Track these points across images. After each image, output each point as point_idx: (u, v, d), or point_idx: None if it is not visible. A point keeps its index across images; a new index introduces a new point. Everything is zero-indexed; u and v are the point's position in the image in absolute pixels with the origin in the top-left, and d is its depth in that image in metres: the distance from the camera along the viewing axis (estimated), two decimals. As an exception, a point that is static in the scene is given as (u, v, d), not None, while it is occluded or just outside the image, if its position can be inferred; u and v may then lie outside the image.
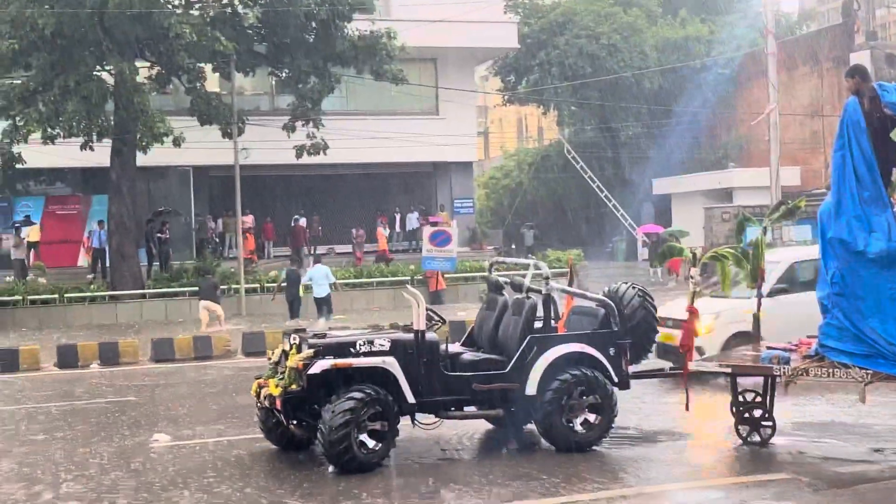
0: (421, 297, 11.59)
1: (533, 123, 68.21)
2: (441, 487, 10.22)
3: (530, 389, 11.47)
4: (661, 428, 12.80)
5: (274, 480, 10.86)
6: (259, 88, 38.93)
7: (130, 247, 30.85)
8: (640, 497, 9.84)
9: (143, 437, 13.07)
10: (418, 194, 41.72)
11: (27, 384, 18.75)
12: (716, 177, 43.30)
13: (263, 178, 38.15)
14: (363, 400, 10.74)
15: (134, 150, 30.02)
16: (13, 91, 28.11)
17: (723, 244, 29.47)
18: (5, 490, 10.57)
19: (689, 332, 11.84)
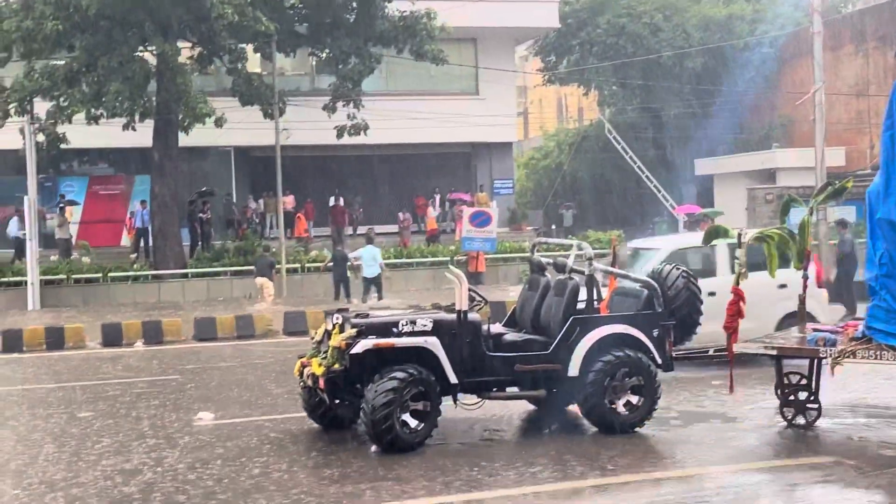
0: (463, 277, 11.57)
1: (573, 104, 67.79)
2: (483, 468, 10.22)
3: (573, 370, 11.44)
4: (705, 410, 12.73)
5: (316, 460, 10.92)
6: (300, 69, 39.02)
7: (173, 227, 31.08)
8: (684, 480, 9.80)
9: (188, 416, 13.17)
10: (458, 175, 41.67)
11: (72, 362, 18.97)
12: (759, 157, 42.82)
13: (304, 158, 38.26)
14: (405, 380, 10.75)
15: (176, 130, 30.23)
16: (57, 72, 28.36)
17: (766, 225, 29.22)
18: (54, 469, 10.69)
19: (733, 314, 11.75)
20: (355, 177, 40.49)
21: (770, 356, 11.81)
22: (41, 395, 15.41)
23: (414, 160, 41.19)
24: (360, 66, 31.70)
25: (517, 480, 9.79)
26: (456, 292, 11.41)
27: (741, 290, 11.81)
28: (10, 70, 29.20)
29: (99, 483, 9.98)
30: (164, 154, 30.53)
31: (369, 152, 38.44)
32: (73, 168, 37.90)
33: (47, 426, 12.86)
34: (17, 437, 12.24)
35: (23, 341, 20.70)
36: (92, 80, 28.13)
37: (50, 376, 17.45)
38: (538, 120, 68.08)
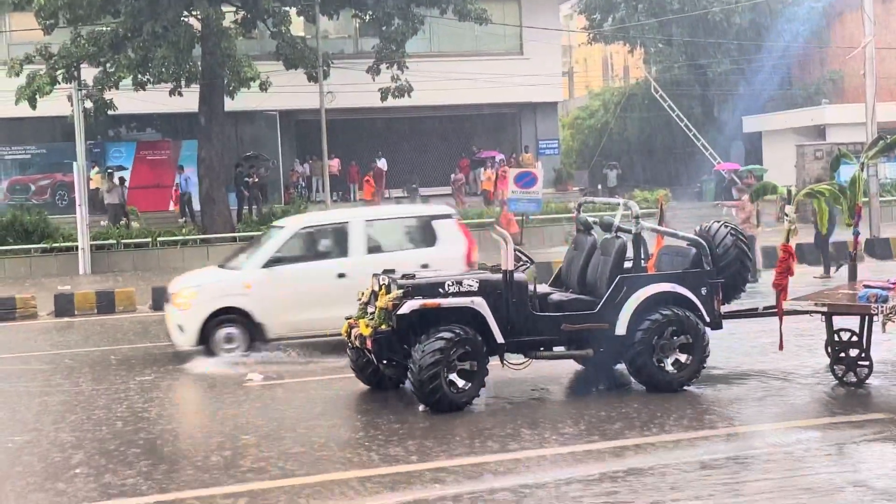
0: (509, 237, 11.54)
1: (619, 62, 67.12)
2: (530, 427, 10.25)
3: (620, 329, 11.40)
4: (754, 368, 12.64)
5: (363, 419, 11.01)
6: (343, 31, 38.98)
7: (220, 191, 31.28)
8: (733, 437, 9.76)
9: (238, 376, 13.30)
10: (503, 135, 41.50)
11: (125, 325, 19.21)
12: (808, 114, 42.26)
13: (348, 121, 38.27)
14: (452, 340, 10.78)
15: (222, 95, 30.34)
16: (103, 38, 28.53)
17: (815, 182, 28.84)
18: (110, 428, 10.86)
19: (782, 271, 11.63)
20: (400, 139, 40.46)
21: (821, 313, 11.68)
22: (95, 357, 15.62)
23: (459, 121, 41.08)
24: (404, 28, 31.57)
25: (564, 440, 9.81)
26: (502, 253, 11.39)
27: (791, 246, 11.69)
28: (57, 37, 29.41)
29: (153, 439, 10.14)
30: (210, 119, 30.66)
31: (414, 114, 38.37)
32: (120, 134, 38.25)
33: (103, 388, 13.05)
34: (75, 398, 12.43)
35: (74, 305, 20.98)
36: (137, 45, 28.27)
37: (103, 339, 17.68)
38: (583, 79, 67.53)
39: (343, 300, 13.04)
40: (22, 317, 20.49)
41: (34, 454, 9.89)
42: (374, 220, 15.71)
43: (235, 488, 8.53)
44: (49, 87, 28.13)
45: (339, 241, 15.14)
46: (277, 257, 14.79)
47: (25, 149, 37.09)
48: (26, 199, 35.59)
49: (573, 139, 55.11)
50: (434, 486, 8.41)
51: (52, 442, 10.31)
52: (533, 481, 8.49)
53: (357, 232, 15.01)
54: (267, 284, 14.46)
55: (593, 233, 12.82)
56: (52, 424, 11.09)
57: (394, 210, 19.75)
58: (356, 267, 14.22)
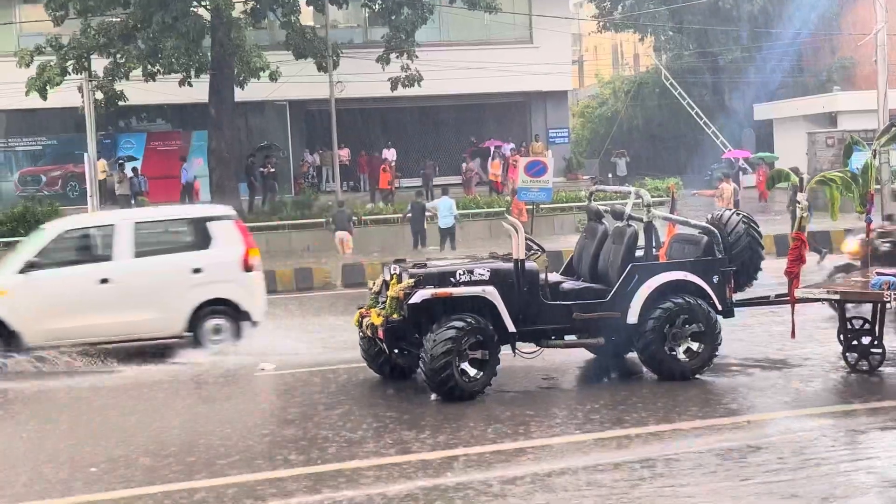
0: (520, 226, 11.54)
1: (629, 50, 66.96)
2: (541, 416, 10.26)
3: (632, 318, 11.39)
4: (767, 356, 12.62)
5: (375, 408, 11.03)
6: (352, 21, 38.93)
7: (231, 181, 31.28)
8: (745, 426, 9.75)
9: (250, 366, 13.32)
10: (513, 124, 41.44)
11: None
12: (819, 101, 42.05)
13: (358, 111, 38.24)
14: (464, 329, 10.79)
15: (231, 85, 30.34)
16: (113, 29, 28.55)
17: (826, 170, 28.74)
18: (134, 418, 10.91)
19: (795, 259, 11.61)
20: (409, 128, 40.43)
21: (833, 301, 11.66)
22: (108, 347, 15.66)
23: (468, 110, 41.01)
24: (413, 17, 31.50)
25: (575, 428, 9.82)
26: (513, 241, 11.39)
27: (803, 234, 11.67)
28: (67, 28, 29.44)
29: (161, 433, 10.17)
30: (220, 109, 30.66)
31: (424, 103, 38.31)
32: (131, 125, 38.28)
33: (120, 376, 13.10)
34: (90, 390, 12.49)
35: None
36: (147, 36, 28.27)
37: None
38: (593, 67, 67.32)
39: (107, 306, 12.71)
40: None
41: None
42: (144, 222, 14.92)
43: (254, 476, 8.57)
44: (59, 79, 28.14)
45: (104, 244, 14.34)
46: (35, 262, 13.90)
47: (37, 140, 37.16)
48: (37, 191, 35.67)
49: (583, 128, 54.99)
50: (446, 475, 8.43)
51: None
52: (544, 470, 8.50)
53: (123, 235, 14.18)
54: (23, 290, 13.66)
55: (605, 221, 12.81)
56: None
57: (166, 212, 18.23)
58: (121, 272, 13.76)
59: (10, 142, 36.97)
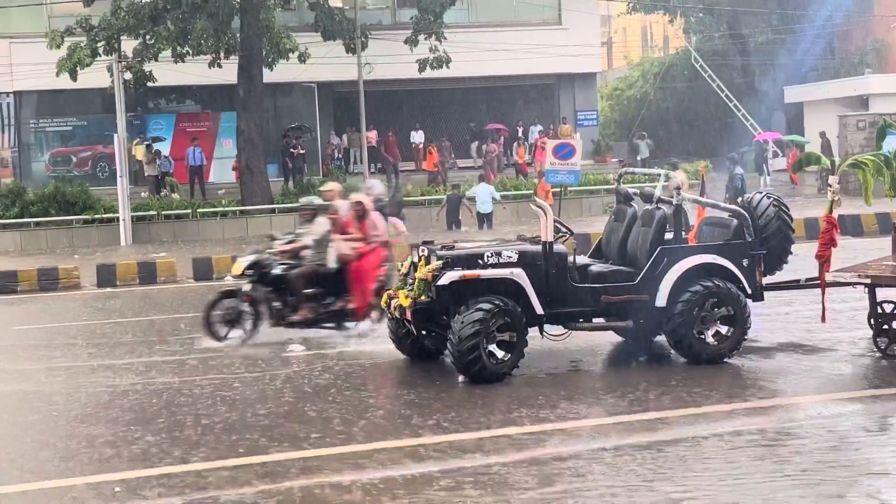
0: (549, 209, 11.51)
1: (658, 32, 66.51)
2: (569, 399, 10.26)
3: (660, 301, 11.35)
4: (796, 340, 12.55)
5: (403, 389, 11.07)
6: (381, 2, 38.86)
7: (259, 162, 31.38)
8: (774, 410, 9.71)
9: (279, 347, 13.39)
10: (541, 106, 41.29)
11: (167, 295, 19.40)
12: (851, 83, 41.63)
13: (386, 92, 38.21)
14: (491, 311, 10.78)
15: (260, 66, 30.40)
16: (142, 10, 28.65)
17: (858, 153, 28.49)
18: (160, 400, 10.99)
19: (825, 242, 11.53)
20: (437, 110, 40.38)
21: (864, 285, 11.57)
22: (143, 326, 15.79)
23: (497, 92, 40.90)
24: (442, -2, 31.45)
25: (603, 411, 9.81)
26: (541, 224, 11.36)
27: (834, 217, 11.59)
28: (97, 9, 29.57)
29: (200, 411, 10.24)
30: (249, 90, 30.73)
31: (452, 85, 38.24)
32: (160, 106, 38.45)
33: (152, 359, 13.19)
34: (119, 369, 12.58)
35: (116, 276, 21.20)
36: (176, 17, 28.37)
37: (148, 308, 17.86)
38: (622, 49, 67.04)
39: None
40: (65, 287, 20.74)
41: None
42: None
43: (289, 455, 8.62)
44: (89, 59, 28.30)
45: None
46: None
47: (66, 121, 37.40)
48: (68, 171, 35.93)
49: (612, 110, 54.69)
50: (475, 456, 8.45)
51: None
52: (572, 451, 8.51)
53: None
54: None
55: (633, 204, 12.75)
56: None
57: None
58: None
59: (41, 122, 37.22)
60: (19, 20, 35.19)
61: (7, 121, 37.22)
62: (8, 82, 35.24)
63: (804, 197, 31.27)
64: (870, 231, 23.16)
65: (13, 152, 36.94)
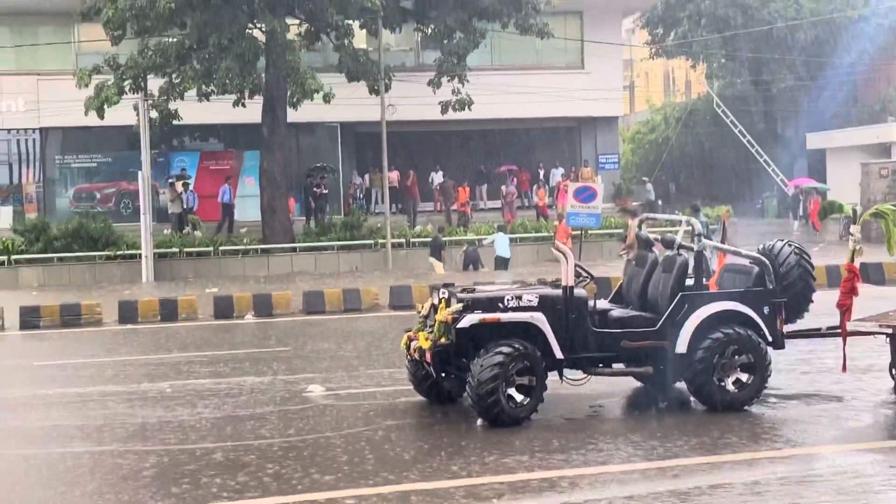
0: (570, 253, 11.54)
1: (680, 76, 66.76)
2: (588, 444, 10.22)
3: (681, 347, 11.32)
4: (817, 389, 12.48)
5: (421, 432, 11.05)
6: (405, 45, 39.17)
7: (281, 201, 31.57)
8: (794, 459, 9.65)
9: (298, 387, 13.42)
10: (563, 149, 41.43)
11: (186, 333, 19.47)
12: (873, 131, 41.67)
13: (409, 133, 38.43)
14: (511, 354, 10.78)
15: (284, 106, 30.65)
16: (169, 49, 28.99)
17: (880, 201, 28.44)
18: (166, 436, 11.01)
19: (847, 291, 11.50)
20: (459, 152, 40.57)
21: (885, 335, 11.53)
22: (156, 364, 15.85)
23: (519, 135, 41.09)
24: (465, 41, 31.67)
25: (622, 457, 9.76)
26: (562, 268, 11.38)
27: (856, 266, 11.57)
28: (125, 48, 29.93)
29: (212, 453, 10.26)
30: (273, 130, 30.98)
31: (475, 127, 38.46)
32: (184, 143, 38.77)
33: (163, 395, 13.23)
34: (132, 403, 12.62)
35: (138, 313, 21.30)
36: (203, 57, 28.69)
37: (166, 346, 17.93)
38: (644, 93, 67.27)
39: None
40: (87, 323, 20.86)
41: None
42: None
43: (306, 497, 8.62)
44: (117, 98, 28.62)
45: None
46: None
47: (91, 157, 37.74)
48: (91, 207, 36.21)
49: (633, 154, 54.88)
50: (492, 501, 8.42)
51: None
52: (591, 498, 8.47)
53: None
54: None
55: (654, 249, 12.76)
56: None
57: None
58: None
59: (66, 158, 37.58)
60: (46, 57, 35.66)
61: (32, 156, 37.61)
62: (34, 119, 35.68)
63: (826, 244, 31.18)
64: (892, 280, 23.06)
65: (38, 188, 37.29)
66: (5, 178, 37.27)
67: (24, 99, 35.54)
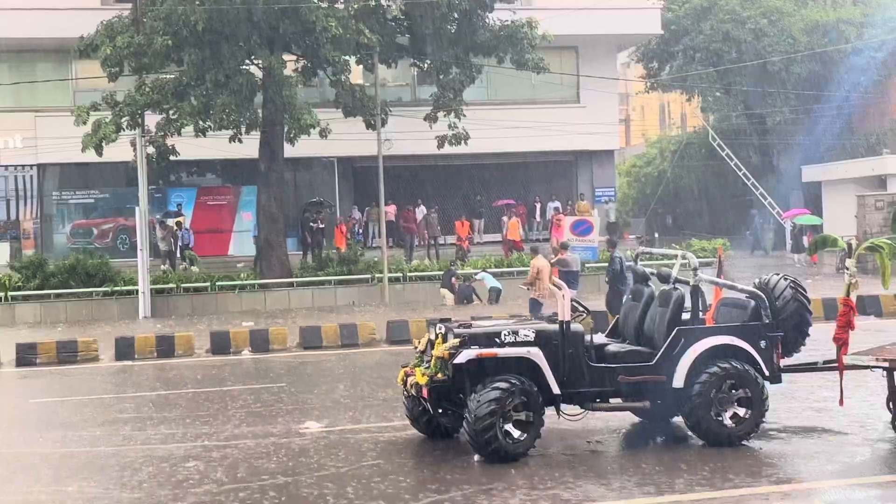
0: (566, 288, 11.55)
1: (676, 110, 67.11)
2: (585, 479, 10.19)
3: (678, 382, 11.32)
4: (814, 423, 12.47)
5: (419, 468, 11.01)
6: (401, 80, 39.35)
7: (278, 236, 31.59)
8: (792, 494, 9.63)
9: (294, 424, 13.38)
10: (559, 183, 41.53)
11: (183, 370, 19.43)
12: (869, 164, 41.81)
13: (405, 168, 38.53)
14: (508, 390, 10.78)
15: (281, 141, 30.73)
16: (166, 86, 29.09)
17: (876, 234, 28.51)
18: (160, 469, 10.98)
19: (843, 325, 11.51)
20: (456, 186, 40.66)
21: (882, 368, 11.53)
22: (153, 400, 15.81)
23: (515, 169, 41.19)
24: (461, 76, 31.81)
25: (619, 493, 9.74)
26: (558, 303, 11.39)
27: (852, 300, 11.58)
28: (122, 84, 30.06)
29: (204, 488, 10.22)
30: (270, 165, 31.06)
31: (471, 161, 38.56)
32: (181, 179, 38.83)
33: (160, 431, 13.19)
34: (127, 439, 12.58)
35: (134, 349, 21.26)
36: (200, 93, 28.79)
37: (161, 383, 17.89)
38: (640, 127, 67.63)
39: None
40: (83, 360, 20.81)
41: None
42: None
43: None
44: (115, 135, 28.67)
45: None
46: None
47: (88, 193, 37.78)
48: (89, 243, 36.18)
49: (630, 187, 55.02)
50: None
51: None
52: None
53: None
54: None
55: (651, 284, 12.78)
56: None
57: None
58: None
59: (63, 195, 37.63)
60: (44, 94, 35.77)
61: (30, 193, 37.66)
62: (32, 155, 35.76)
63: (823, 276, 31.21)
64: (889, 312, 23.08)
65: (35, 224, 37.31)
66: (3, 214, 37.27)
67: (21, 135, 35.63)
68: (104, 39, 28.34)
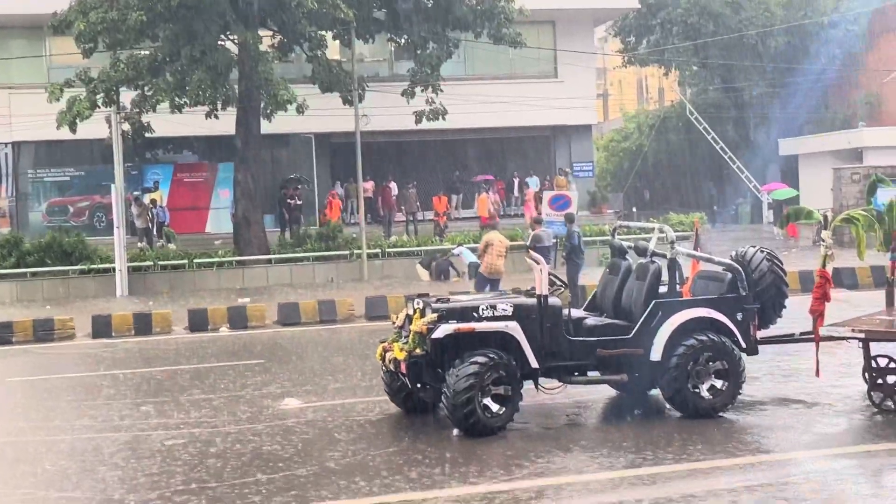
0: (543, 262, 11.55)
1: (653, 84, 67.14)
2: (564, 453, 10.23)
3: (655, 355, 11.36)
4: (791, 395, 12.56)
5: (398, 443, 11.03)
6: (378, 55, 39.16)
7: (256, 213, 31.43)
8: (769, 465, 9.69)
9: (274, 400, 13.37)
10: (537, 158, 41.51)
11: (161, 347, 19.36)
12: (845, 136, 41.98)
13: (383, 143, 38.43)
14: (486, 364, 10.79)
15: (258, 118, 30.56)
16: (141, 62, 28.82)
17: (852, 206, 28.64)
18: (142, 450, 10.96)
19: (819, 297, 11.57)
20: (434, 162, 40.57)
21: (858, 339, 11.60)
22: (130, 379, 15.76)
23: (493, 144, 41.14)
24: (439, 51, 31.66)
25: (597, 466, 9.78)
26: (535, 277, 11.40)
27: (828, 272, 11.63)
28: (97, 61, 29.76)
29: (185, 464, 10.21)
30: (247, 141, 30.86)
31: (449, 137, 38.46)
32: (157, 156, 38.57)
33: (140, 410, 13.16)
34: (105, 420, 12.54)
35: (112, 327, 21.16)
36: (175, 69, 28.54)
37: (139, 361, 17.83)
38: (618, 102, 67.58)
39: None
40: (60, 338, 20.70)
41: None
42: None
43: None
44: (89, 112, 28.40)
45: None
46: None
47: (64, 171, 37.50)
48: (65, 221, 35.94)
49: (608, 162, 55.07)
50: (468, 512, 8.42)
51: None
52: (567, 507, 8.48)
53: None
54: None
55: (628, 257, 12.80)
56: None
57: None
58: None
59: (39, 172, 37.33)
60: (18, 71, 35.42)
61: (4, 171, 37.35)
62: (6, 133, 35.44)
63: (799, 249, 31.36)
64: (864, 284, 23.22)
65: (10, 202, 37.01)
66: (-23, 192, 37.03)
67: (-5, 113, 35.33)
68: (78, 15, 28.00)
